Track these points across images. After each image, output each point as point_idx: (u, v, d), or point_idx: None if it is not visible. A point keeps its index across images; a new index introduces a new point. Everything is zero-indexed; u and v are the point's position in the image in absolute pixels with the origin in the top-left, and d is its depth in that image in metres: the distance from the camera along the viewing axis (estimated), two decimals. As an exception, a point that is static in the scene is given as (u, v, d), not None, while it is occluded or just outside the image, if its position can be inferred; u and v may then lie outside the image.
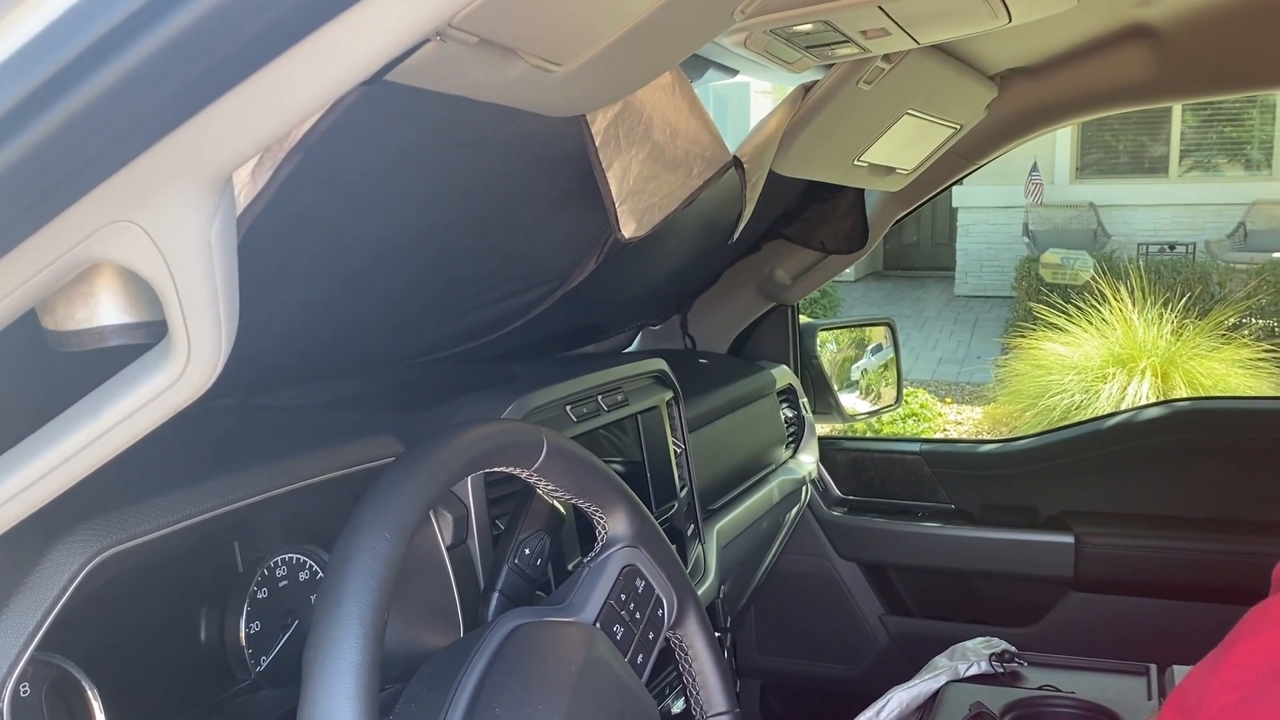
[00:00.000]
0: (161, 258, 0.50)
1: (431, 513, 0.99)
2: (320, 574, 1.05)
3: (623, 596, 0.91)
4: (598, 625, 0.88)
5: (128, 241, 0.49)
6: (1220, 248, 10.57)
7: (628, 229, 1.10)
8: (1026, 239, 11.31)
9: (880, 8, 1.04)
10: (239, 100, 0.47)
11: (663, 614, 0.96)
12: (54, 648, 0.78)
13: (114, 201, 0.48)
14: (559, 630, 0.83)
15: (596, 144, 0.99)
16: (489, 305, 1.32)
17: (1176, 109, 11.13)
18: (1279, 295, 8.57)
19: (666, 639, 0.99)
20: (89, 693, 0.80)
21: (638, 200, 1.09)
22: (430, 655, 0.82)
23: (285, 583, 1.03)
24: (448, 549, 1.01)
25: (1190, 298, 7.33)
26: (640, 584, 0.94)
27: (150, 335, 0.55)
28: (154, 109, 0.45)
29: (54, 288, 0.52)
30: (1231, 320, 7.12)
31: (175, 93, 0.44)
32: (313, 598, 1.04)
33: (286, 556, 1.04)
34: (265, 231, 0.72)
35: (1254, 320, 8.18)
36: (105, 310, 0.54)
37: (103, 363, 0.58)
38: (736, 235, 1.52)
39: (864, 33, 1.12)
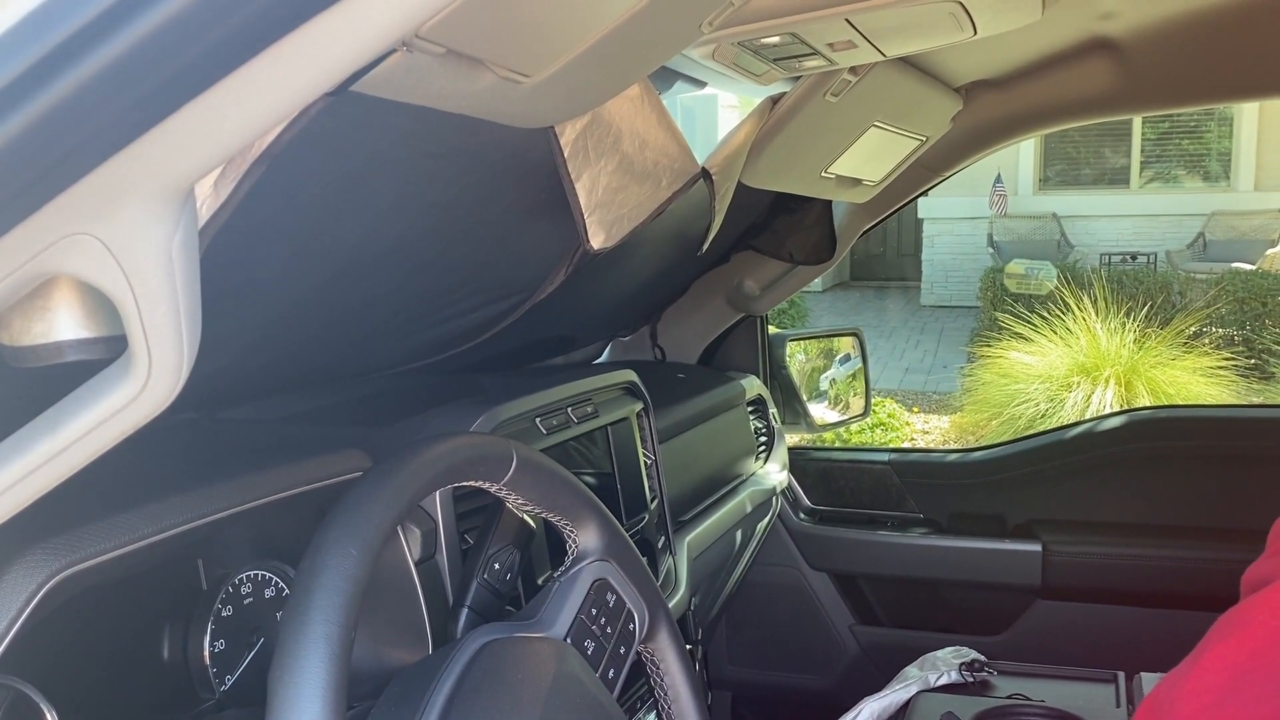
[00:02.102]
0: (121, 271, 0.48)
1: (399, 527, 0.98)
2: (286, 591, 1.03)
3: (593, 611, 0.91)
4: (568, 640, 0.87)
5: (86, 255, 0.48)
6: (1181, 258, 10.74)
7: (596, 240, 1.09)
8: (991, 249, 11.44)
9: (847, 20, 1.04)
10: (200, 111, 0.46)
11: (634, 628, 0.95)
12: (10, 670, 0.76)
13: (72, 214, 0.47)
14: (529, 646, 0.82)
15: (565, 155, 0.99)
16: (458, 317, 1.31)
17: (1137, 122, 11.32)
18: (1238, 305, 8.72)
19: (638, 653, 0.98)
20: (47, 716, 0.79)
21: (606, 211, 1.08)
22: (398, 672, 0.81)
23: (250, 600, 1.02)
24: (416, 564, 1.00)
25: (1152, 307, 7.43)
26: (611, 598, 0.93)
27: (110, 350, 0.54)
28: (112, 119, 0.44)
29: (9, 302, 0.51)
30: (1192, 329, 7.24)
31: (134, 103, 0.43)
32: (278, 615, 1.02)
33: (252, 573, 1.02)
34: (229, 243, 0.71)
35: (1214, 329, 8.31)
36: (63, 325, 0.52)
37: (63, 378, 0.56)
38: (706, 247, 1.52)
39: (831, 45, 1.12)
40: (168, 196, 0.48)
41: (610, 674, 0.91)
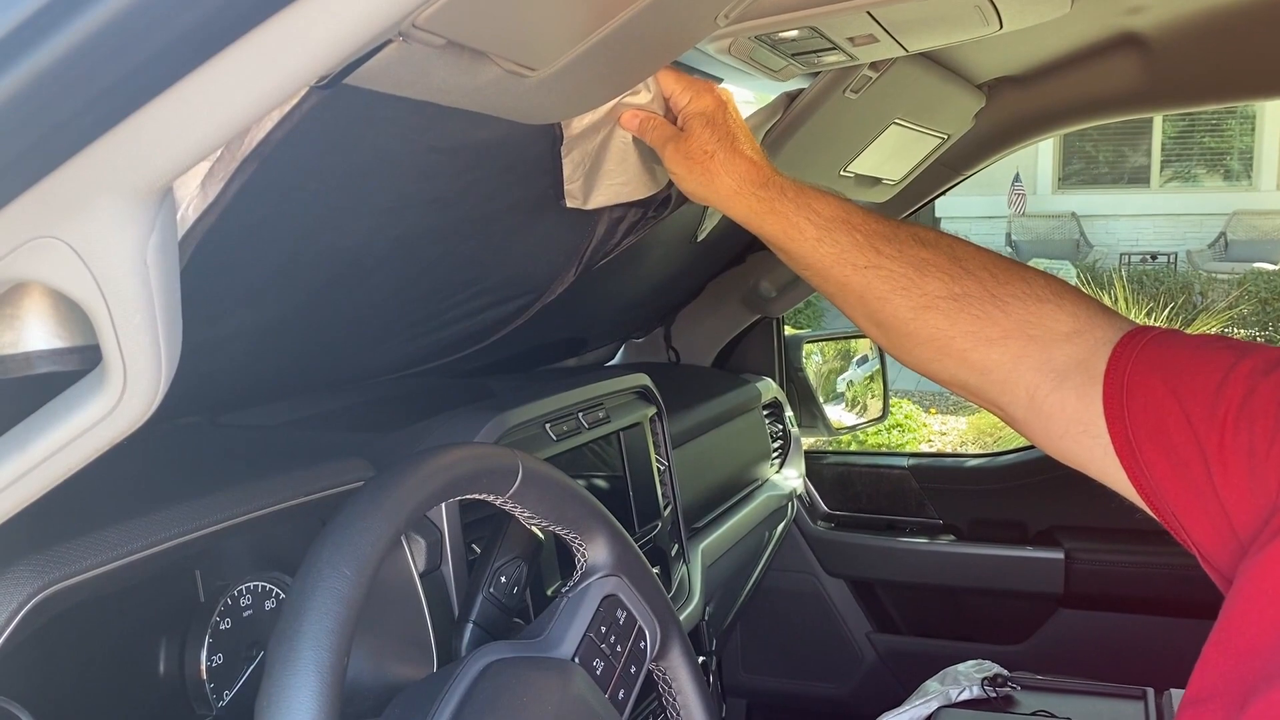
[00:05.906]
0: (91, 277, 0.45)
1: (403, 537, 0.95)
2: (287, 602, 1.00)
3: (603, 628, 0.87)
4: (576, 660, 0.83)
5: (54, 260, 0.45)
6: (1202, 257, 10.64)
7: (572, 201, 1.05)
8: (1009, 249, 11.35)
9: (869, 14, 1.01)
10: (172, 104, 0.42)
11: (645, 646, 0.92)
12: (-4, 688, 0.74)
13: (35, 216, 0.43)
14: (534, 667, 0.79)
15: (564, 142, 0.96)
16: (466, 318, 1.28)
17: (1157, 120, 11.22)
18: (1260, 305, 8.62)
19: (649, 671, 0.94)
20: (35, 735, 0.76)
21: (590, 179, 1.05)
22: (401, 689, 0.78)
23: (250, 612, 0.99)
24: (420, 575, 0.96)
25: (1173, 308, 7.36)
26: (621, 615, 0.89)
27: (84, 361, 0.50)
28: (73, 113, 0.40)
29: (-26, 310, 0.48)
30: (1214, 330, 7.15)
31: (97, 96, 0.40)
32: (278, 628, 0.99)
33: (251, 584, 0.99)
34: (221, 245, 0.67)
35: (1236, 330, 8.21)
36: (33, 334, 0.49)
37: (38, 390, 0.53)
38: (700, 236, 1.48)
39: (852, 40, 1.09)
40: (140, 197, 0.45)
41: (620, 695, 0.87)
